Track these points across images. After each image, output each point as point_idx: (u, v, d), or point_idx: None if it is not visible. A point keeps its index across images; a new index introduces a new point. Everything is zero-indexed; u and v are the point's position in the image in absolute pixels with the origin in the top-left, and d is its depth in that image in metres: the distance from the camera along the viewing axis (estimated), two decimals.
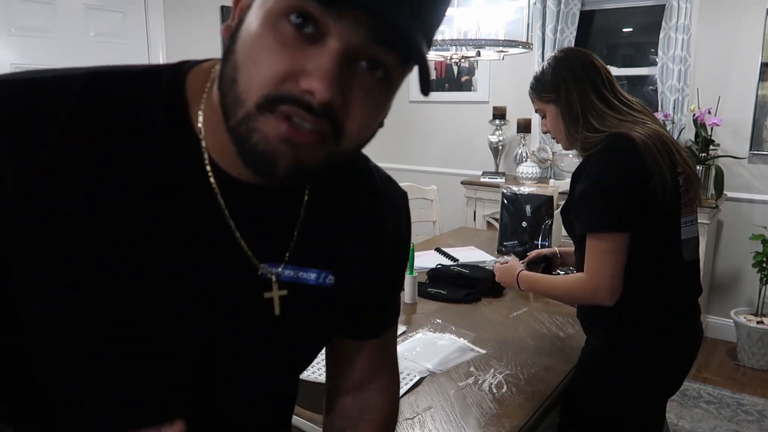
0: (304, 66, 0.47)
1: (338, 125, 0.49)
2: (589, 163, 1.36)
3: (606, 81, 1.44)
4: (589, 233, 1.33)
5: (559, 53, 1.52)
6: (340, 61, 0.47)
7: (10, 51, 2.80)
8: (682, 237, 1.37)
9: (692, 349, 1.43)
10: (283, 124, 0.48)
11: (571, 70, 1.45)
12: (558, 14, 3.57)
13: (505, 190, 2.44)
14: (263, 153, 0.49)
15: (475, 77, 4.12)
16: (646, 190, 1.28)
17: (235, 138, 0.50)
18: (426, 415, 1.19)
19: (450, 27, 2.30)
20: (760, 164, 3.21)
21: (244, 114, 0.48)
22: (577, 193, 1.36)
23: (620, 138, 1.32)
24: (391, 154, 4.59)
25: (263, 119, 0.48)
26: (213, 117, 0.54)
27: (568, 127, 1.44)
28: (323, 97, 0.46)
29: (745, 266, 3.26)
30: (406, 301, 1.83)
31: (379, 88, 0.51)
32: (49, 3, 2.90)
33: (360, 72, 0.49)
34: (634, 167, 1.29)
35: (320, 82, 0.46)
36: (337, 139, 0.50)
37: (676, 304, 1.39)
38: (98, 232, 0.52)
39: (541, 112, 1.54)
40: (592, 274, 1.32)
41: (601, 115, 1.39)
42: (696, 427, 2.55)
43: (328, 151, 0.50)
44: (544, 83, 1.50)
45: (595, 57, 1.49)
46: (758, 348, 3.04)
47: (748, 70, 3.17)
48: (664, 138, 1.35)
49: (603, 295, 1.31)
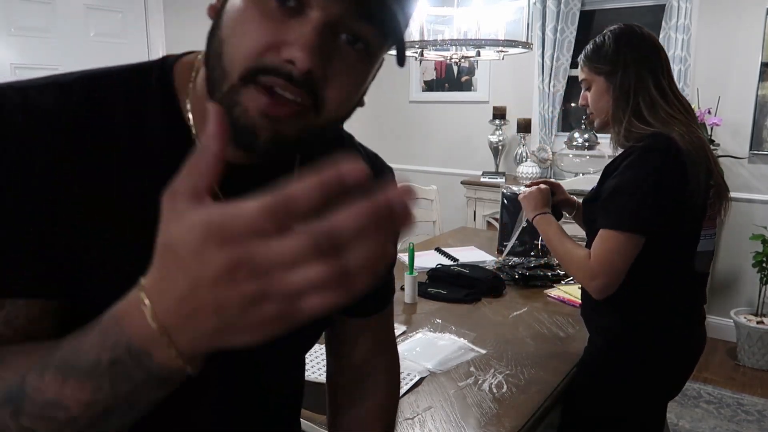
0: (286, 37, 0.48)
1: (318, 96, 0.50)
2: (627, 159, 1.30)
3: (665, 69, 1.37)
4: (609, 228, 1.29)
5: (625, 26, 1.42)
6: (320, 32, 0.48)
7: (10, 51, 2.80)
8: (698, 248, 1.34)
9: (695, 353, 1.42)
10: (263, 96, 0.49)
11: (635, 47, 1.36)
12: (558, 14, 3.57)
13: (505, 190, 2.44)
14: (243, 126, 0.50)
15: (475, 77, 4.12)
16: (679, 198, 1.26)
17: None
18: (426, 415, 1.19)
19: (450, 27, 2.30)
20: (760, 164, 3.21)
21: (228, 86, 0.50)
22: (607, 188, 1.31)
23: (663, 140, 1.27)
24: (391, 154, 4.59)
25: (246, 91, 0.49)
26: (200, 103, 0.57)
27: (615, 107, 1.37)
28: (304, 66, 0.48)
29: (745, 266, 3.26)
30: (406, 301, 1.83)
31: (358, 60, 0.52)
32: (49, 3, 2.90)
33: (340, 44, 0.51)
34: (673, 173, 1.25)
35: (301, 51, 0.47)
36: (316, 111, 0.51)
37: (681, 309, 1.38)
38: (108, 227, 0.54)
39: (587, 83, 1.45)
40: (597, 262, 1.29)
41: (653, 104, 1.32)
42: (696, 427, 2.54)
43: (307, 122, 0.52)
44: (601, 53, 1.40)
45: (658, 40, 1.42)
46: (758, 348, 3.04)
47: (748, 70, 3.17)
48: (704, 146, 1.31)
49: (596, 286, 1.30)
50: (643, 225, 1.26)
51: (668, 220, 1.27)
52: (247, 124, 0.50)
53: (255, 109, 0.49)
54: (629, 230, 1.26)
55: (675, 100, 1.34)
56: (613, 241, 1.28)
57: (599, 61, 1.40)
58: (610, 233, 1.28)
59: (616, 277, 1.28)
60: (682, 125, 1.29)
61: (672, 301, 1.36)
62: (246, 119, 0.50)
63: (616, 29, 1.41)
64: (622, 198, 1.27)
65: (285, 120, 0.50)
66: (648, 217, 1.26)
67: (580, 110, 3.94)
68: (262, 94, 0.49)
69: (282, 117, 0.50)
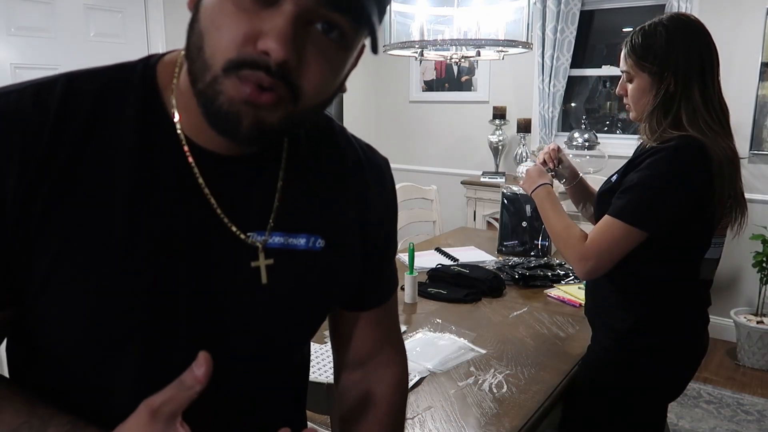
0: (261, 28, 0.50)
1: (294, 86, 0.52)
2: (654, 157, 1.26)
3: (715, 72, 1.30)
4: (617, 218, 1.27)
5: (679, 19, 1.31)
6: (294, 22, 0.50)
7: (10, 51, 2.80)
8: (705, 255, 1.33)
9: (698, 356, 1.42)
10: (246, 86, 0.51)
11: (689, 47, 1.27)
12: (558, 14, 3.57)
13: (505, 190, 2.44)
14: (227, 113, 0.52)
15: (475, 77, 4.11)
16: (698, 205, 1.24)
17: (202, 100, 0.53)
18: (426, 415, 1.19)
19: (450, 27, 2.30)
20: (760, 164, 3.21)
21: (211, 77, 0.52)
22: (628, 180, 1.28)
23: (693, 144, 1.24)
24: (391, 154, 4.56)
25: (228, 82, 0.51)
26: (184, 98, 0.58)
27: (656, 109, 1.30)
28: (279, 57, 0.50)
29: (745, 266, 3.26)
30: (407, 301, 1.83)
31: (334, 49, 0.54)
32: (49, 3, 2.89)
33: (315, 34, 0.52)
34: (696, 179, 1.23)
35: (275, 42, 0.49)
36: (294, 100, 0.53)
37: (688, 311, 1.38)
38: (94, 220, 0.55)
39: (629, 76, 1.35)
40: (594, 244, 1.29)
41: (695, 112, 1.26)
42: (696, 427, 2.54)
43: (286, 111, 0.54)
44: (651, 49, 1.29)
45: (711, 36, 1.32)
46: (758, 348, 3.04)
47: (748, 70, 3.17)
48: (734, 158, 1.28)
49: (585, 267, 1.29)
50: (648, 222, 1.25)
51: (683, 224, 1.26)
52: (230, 112, 0.52)
53: (238, 97, 0.51)
54: (633, 223, 1.25)
55: (718, 107, 1.29)
56: (614, 230, 1.27)
57: (647, 58, 1.30)
58: (614, 221, 1.27)
59: (607, 263, 1.28)
60: (717, 135, 1.26)
61: (680, 303, 1.36)
62: (230, 107, 0.52)
63: (670, 22, 1.30)
64: (637, 192, 1.26)
65: (266, 107, 0.52)
66: (657, 215, 1.25)
67: (580, 110, 3.94)
68: (244, 84, 0.51)
69: (263, 104, 0.52)
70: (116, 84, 0.59)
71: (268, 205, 0.64)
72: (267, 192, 0.64)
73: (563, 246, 1.37)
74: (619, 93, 1.40)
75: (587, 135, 3.56)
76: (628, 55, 1.34)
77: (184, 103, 0.58)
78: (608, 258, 1.28)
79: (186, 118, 0.59)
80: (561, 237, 1.38)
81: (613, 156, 3.37)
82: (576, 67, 3.72)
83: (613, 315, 1.36)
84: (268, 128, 0.54)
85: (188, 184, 0.59)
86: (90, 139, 0.55)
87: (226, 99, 0.52)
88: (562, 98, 3.72)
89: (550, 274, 2.05)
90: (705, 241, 1.31)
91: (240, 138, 0.54)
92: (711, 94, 1.28)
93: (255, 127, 0.53)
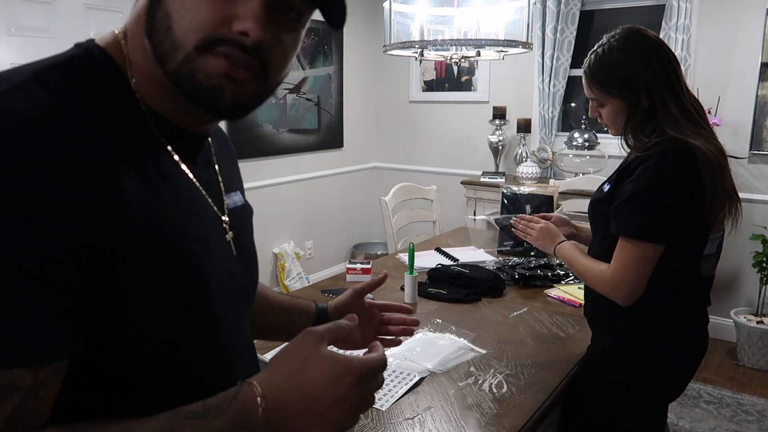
0: (236, 11, 0.53)
1: (266, 63, 0.56)
2: (643, 164, 1.27)
3: (681, 80, 1.30)
4: (626, 236, 1.29)
5: (629, 34, 1.31)
6: (267, 5, 0.54)
7: (10, 51, 2.80)
8: (704, 252, 1.33)
9: (698, 356, 1.42)
10: (222, 61, 0.54)
11: (649, 63, 1.27)
12: (558, 14, 3.57)
13: (505, 190, 2.44)
14: (208, 88, 0.54)
15: (475, 77, 4.12)
16: (693, 208, 1.25)
17: (176, 79, 0.54)
18: (426, 415, 1.19)
19: (450, 27, 2.30)
20: (760, 164, 3.21)
21: (183, 57, 0.53)
22: (623, 193, 1.29)
23: (680, 146, 1.25)
24: (391, 154, 4.59)
25: (203, 60, 0.53)
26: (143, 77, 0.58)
27: (635, 129, 1.31)
28: (257, 37, 0.53)
29: (745, 266, 3.26)
30: (406, 301, 1.83)
31: (293, 30, 0.59)
32: (49, 3, 2.89)
33: (279, 16, 0.56)
34: (688, 180, 1.24)
35: (254, 23, 0.53)
36: (265, 77, 0.57)
37: (688, 311, 1.38)
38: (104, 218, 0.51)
39: (598, 102, 1.36)
40: (617, 272, 1.30)
41: (677, 122, 1.27)
42: (696, 427, 2.54)
43: (259, 86, 0.57)
44: (610, 74, 1.30)
45: (666, 44, 1.32)
46: (758, 348, 3.04)
47: (748, 70, 3.17)
48: (721, 158, 1.28)
49: (620, 295, 1.30)
50: (662, 233, 1.26)
51: (681, 225, 1.27)
52: (211, 86, 0.54)
53: (216, 72, 0.54)
54: (648, 239, 1.26)
55: (694, 112, 1.30)
56: (630, 251, 1.28)
57: (610, 84, 1.31)
58: (627, 243, 1.29)
59: (636, 283, 1.28)
60: (701, 137, 1.27)
61: (680, 303, 1.36)
62: (209, 81, 0.54)
63: (623, 41, 1.31)
64: (640, 205, 1.26)
65: (244, 82, 0.55)
66: (666, 224, 1.26)
67: (580, 110, 3.94)
68: (221, 59, 0.53)
69: (242, 79, 0.55)
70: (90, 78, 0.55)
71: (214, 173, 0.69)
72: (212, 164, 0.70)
73: (595, 285, 1.38)
74: (593, 116, 1.42)
75: (587, 135, 3.56)
76: (591, 84, 1.36)
77: (144, 82, 0.58)
78: (636, 279, 1.28)
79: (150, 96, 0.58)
80: (589, 278, 1.40)
81: (613, 156, 3.37)
82: (576, 67, 3.72)
83: (612, 315, 1.36)
84: (247, 103, 0.57)
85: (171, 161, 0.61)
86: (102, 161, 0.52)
87: (203, 75, 0.54)
88: (562, 98, 3.72)
89: (550, 274, 2.05)
90: (703, 238, 1.32)
91: (223, 111, 0.57)
92: (685, 102, 1.30)
93: (236, 100, 0.56)
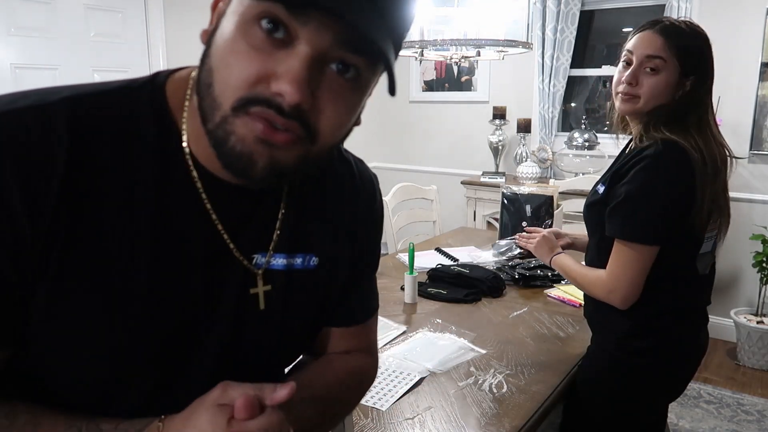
0: (275, 69, 0.49)
1: (310, 126, 0.51)
2: (637, 166, 1.27)
3: None
4: (621, 239, 1.29)
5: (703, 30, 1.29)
6: (308, 65, 0.49)
7: (10, 51, 2.80)
8: (700, 251, 1.33)
9: (698, 356, 1.42)
10: (258, 124, 0.50)
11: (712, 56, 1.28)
12: (558, 14, 3.57)
13: (505, 190, 2.44)
14: (240, 154, 0.51)
15: (475, 77, 4.11)
16: (687, 210, 1.25)
17: (213, 141, 0.52)
18: (426, 415, 1.19)
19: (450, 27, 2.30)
20: (760, 164, 3.21)
21: (220, 117, 0.51)
22: (618, 194, 1.29)
23: (675, 150, 1.25)
24: (391, 154, 4.58)
25: (239, 121, 0.50)
26: (195, 123, 0.55)
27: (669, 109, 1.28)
28: (293, 99, 0.49)
29: (745, 266, 3.25)
30: (407, 301, 1.83)
31: (349, 88, 0.53)
32: (49, 3, 2.89)
33: (330, 74, 0.51)
34: (684, 183, 1.24)
35: (289, 85, 0.48)
36: (311, 140, 0.52)
37: (687, 311, 1.38)
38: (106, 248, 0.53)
39: (657, 64, 1.26)
40: (613, 275, 1.31)
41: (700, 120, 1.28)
42: (696, 427, 2.54)
43: (302, 150, 0.53)
44: (692, 43, 1.27)
45: None
46: (758, 348, 3.04)
47: (748, 70, 3.17)
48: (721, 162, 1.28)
49: (617, 298, 1.31)
50: (656, 235, 1.26)
51: (676, 227, 1.27)
52: (244, 152, 0.51)
53: (251, 136, 0.50)
54: (643, 241, 1.27)
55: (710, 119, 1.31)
56: (624, 253, 1.28)
57: (689, 54, 1.25)
58: (621, 246, 1.29)
59: (633, 286, 1.29)
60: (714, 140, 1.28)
61: (679, 303, 1.36)
62: (243, 146, 0.51)
63: (696, 26, 1.29)
64: (634, 207, 1.27)
65: (281, 147, 0.51)
66: (661, 226, 1.26)
67: (580, 110, 3.94)
68: (257, 121, 0.50)
69: (278, 143, 0.51)
70: (126, 111, 0.56)
71: (270, 230, 0.64)
72: (271, 217, 0.64)
73: (591, 290, 1.38)
74: (626, 80, 1.29)
75: (587, 135, 3.56)
76: (668, 40, 1.25)
77: (194, 128, 0.57)
78: (631, 282, 1.28)
79: (195, 142, 0.57)
80: (585, 284, 1.40)
81: (613, 156, 3.36)
82: (576, 67, 3.72)
83: (612, 316, 1.36)
84: (284, 169, 0.52)
85: (196, 210, 0.58)
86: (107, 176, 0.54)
87: (238, 139, 0.50)
88: (562, 98, 3.72)
89: (550, 274, 2.05)
90: (698, 237, 1.32)
91: (255, 179, 0.52)
92: (712, 113, 1.32)
93: (270, 168, 0.51)
